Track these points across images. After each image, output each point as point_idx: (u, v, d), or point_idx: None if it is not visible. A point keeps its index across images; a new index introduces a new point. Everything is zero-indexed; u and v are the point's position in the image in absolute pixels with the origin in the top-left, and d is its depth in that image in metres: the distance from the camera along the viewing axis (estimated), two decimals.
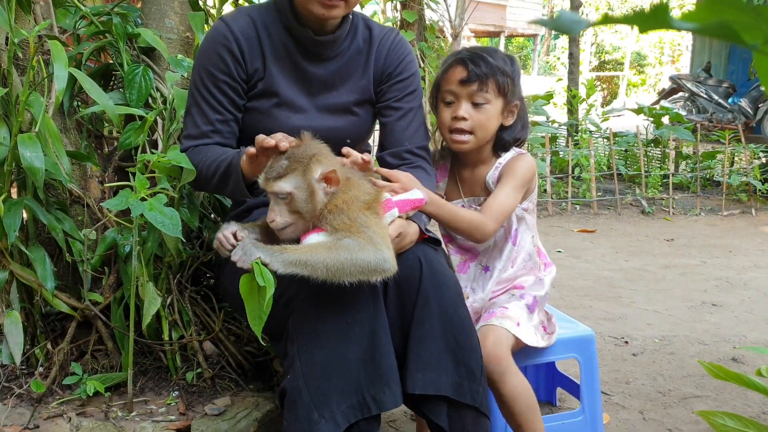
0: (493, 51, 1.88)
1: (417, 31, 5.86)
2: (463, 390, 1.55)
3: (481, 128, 1.85)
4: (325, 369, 1.48)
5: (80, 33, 2.27)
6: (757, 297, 3.79)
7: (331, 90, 1.83)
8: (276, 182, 1.47)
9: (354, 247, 1.43)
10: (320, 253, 1.42)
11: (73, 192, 2.14)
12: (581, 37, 9.32)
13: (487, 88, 1.82)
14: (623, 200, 6.31)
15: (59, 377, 2.05)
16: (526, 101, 1.98)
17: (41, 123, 1.84)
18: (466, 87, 1.83)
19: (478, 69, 1.82)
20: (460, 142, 1.87)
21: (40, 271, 1.97)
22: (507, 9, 20.69)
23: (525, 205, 1.91)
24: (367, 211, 1.50)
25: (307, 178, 1.48)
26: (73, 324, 2.10)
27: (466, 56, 1.85)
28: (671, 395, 2.51)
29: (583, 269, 4.33)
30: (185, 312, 2.14)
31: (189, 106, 1.80)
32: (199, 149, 1.77)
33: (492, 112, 1.85)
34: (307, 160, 1.49)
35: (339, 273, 1.42)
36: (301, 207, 1.49)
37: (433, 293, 1.58)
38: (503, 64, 1.85)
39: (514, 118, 1.91)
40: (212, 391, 2.09)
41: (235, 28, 1.74)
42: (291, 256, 1.42)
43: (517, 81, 1.89)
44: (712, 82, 10.78)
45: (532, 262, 1.93)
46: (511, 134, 1.91)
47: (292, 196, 1.47)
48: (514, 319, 1.82)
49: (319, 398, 1.46)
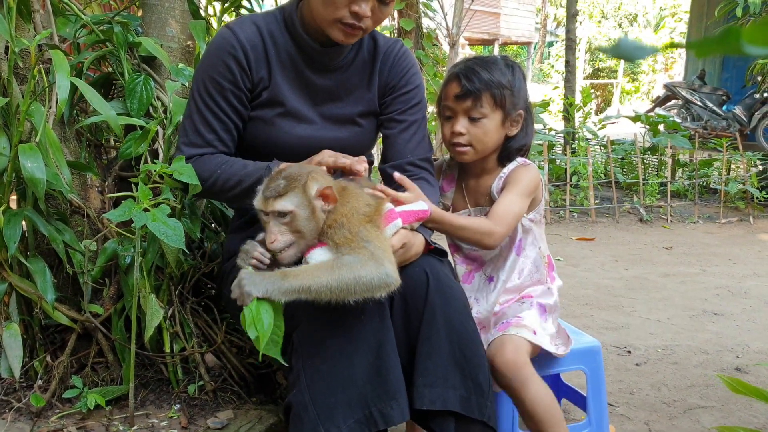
0: (491, 62, 1.85)
1: (414, 39, 5.86)
2: (471, 405, 1.52)
3: (479, 142, 1.83)
4: (330, 383, 1.45)
5: (81, 42, 2.25)
6: (758, 306, 3.79)
7: (336, 101, 1.82)
8: (277, 201, 1.43)
9: (356, 265, 1.40)
10: (322, 275, 1.38)
11: (74, 202, 2.12)
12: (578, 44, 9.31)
13: (482, 102, 1.80)
14: (621, 208, 6.31)
15: (59, 390, 2.03)
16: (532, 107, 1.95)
17: (42, 133, 1.82)
18: (461, 103, 1.82)
19: (471, 84, 1.79)
20: (461, 153, 1.86)
21: (40, 282, 1.94)
22: (501, 17, 20.74)
23: (532, 216, 1.89)
24: (368, 224, 1.47)
25: (307, 195, 1.45)
26: (73, 336, 2.07)
27: (460, 71, 1.83)
28: (676, 406, 2.49)
29: (583, 278, 4.32)
30: (187, 324, 2.12)
31: (190, 112, 1.77)
32: (206, 159, 1.74)
33: (490, 126, 1.82)
34: (304, 177, 1.46)
35: (343, 293, 1.39)
36: (303, 225, 1.45)
37: (440, 306, 1.55)
38: (500, 76, 1.81)
39: (519, 127, 1.88)
40: (214, 404, 2.07)
41: (242, 36, 1.72)
42: (292, 284, 1.37)
43: (519, 90, 1.86)
44: (707, 89, 10.83)
45: (539, 273, 1.91)
46: (516, 143, 1.89)
47: (294, 214, 1.44)
48: (530, 327, 1.80)
49: (325, 413, 1.44)
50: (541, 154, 6.01)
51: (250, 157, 1.84)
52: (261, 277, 1.39)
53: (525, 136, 1.90)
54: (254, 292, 1.37)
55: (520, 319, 1.82)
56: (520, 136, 1.89)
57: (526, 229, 1.89)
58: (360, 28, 1.64)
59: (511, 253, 1.89)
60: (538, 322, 1.84)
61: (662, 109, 10.99)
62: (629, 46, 0.43)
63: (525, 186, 1.84)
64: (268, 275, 1.39)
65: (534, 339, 1.78)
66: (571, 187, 6.25)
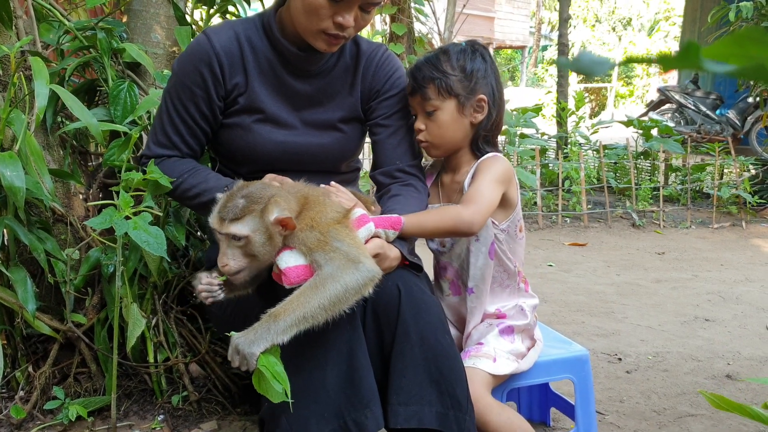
0: (442, 52, 1.80)
1: (406, 44, 5.85)
2: (449, 420, 1.49)
3: (436, 136, 1.80)
4: (302, 395, 1.42)
5: (64, 48, 2.22)
6: (749, 311, 3.77)
7: (317, 106, 1.80)
8: (233, 224, 1.38)
9: (337, 273, 1.37)
10: (311, 298, 1.35)
11: (56, 211, 2.09)
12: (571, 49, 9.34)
13: (428, 95, 1.77)
14: (614, 213, 6.30)
15: (40, 402, 2.00)
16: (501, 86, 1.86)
17: (22, 141, 1.79)
18: (414, 100, 1.82)
19: (415, 81, 1.79)
20: (426, 149, 1.86)
21: (21, 292, 1.91)
22: (495, 21, 20.80)
23: (504, 225, 1.83)
24: (338, 225, 1.45)
25: (265, 220, 1.39)
26: (56, 346, 2.05)
27: (410, 69, 1.83)
28: (666, 414, 2.47)
29: (575, 284, 4.30)
30: (171, 333, 2.09)
31: (161, 112, 1.78)
32: (174, 162, 1.75)
33: (444, 117, 1.78)
34: (265, 200, 1.40)
35: (337, 306, 1.36)
36: (258, 250, 1.41)
37: (413, 322, 1.52)
38: (447, 66, 1.76)
39: (484, 113, 1.80)
40: (198, 414, 2.04)
41: (217, 44, 1.70)
42: (286, 320, 1.33)
43: (476, 73, 1.78)
44: (700, 93, 10.87)
45: (511, 280, 1.87)
46: (484, 129, 1.82)
47: (249, 239, 1.39)
48: (490, 355, 1.77)
49: (299, 425, 1.41)
50: (534, 158, 6.00)
51: (230, 163, 1.82)
52: (254, 333, 1.33)
53: (492, 120, 1.83)
54: (257, 349, 1.31)
55: (480, 347, 1.79)
56: (486, 122, 1.82)
57: (499, 240, 1.85)
58: (343, 38, 1.63)
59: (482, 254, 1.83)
60: (502, 344, 1.81)
61: (656, 114, 11.01)
62: (588, 60, 0.41)
63: (494, 172, 1.76)
64: (259, 327, 1.34)
65: (492, 369, 1.74)
66: (563, 191, 6.24)
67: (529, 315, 1.88)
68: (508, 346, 1.83)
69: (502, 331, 1.84)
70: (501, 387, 1.87)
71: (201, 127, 1.76)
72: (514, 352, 1.82)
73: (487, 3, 19.90)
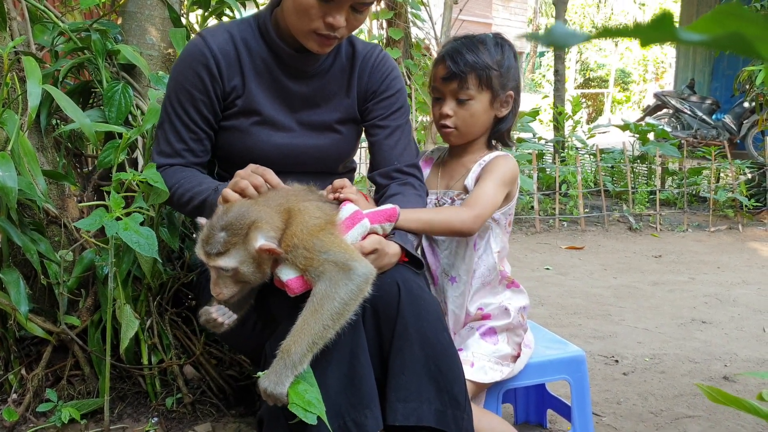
0: (479, 41, 1.81)
1: (403, 48, 5.85)
2: (447, 418, 1.48)
3: (465, 124, 1.81)
4: None
5: (58, 49, 2.22)
6: (746, 314, 3.77)
7: (314, 107, 1.79)
8: (218, 258, 1.38)
9: (331, 290, 1.37)
10: (313, 323, 1.36)
11: (50, 212, 2.08)
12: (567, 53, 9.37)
13: (468, 84, 1.77)
14: (610, 217, 6.30)
15: (33, 404, 1.99)
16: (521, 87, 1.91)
17: (14, 141, 1.78)
18: (448, 85, 1.80)
19: (456, 66, 1.77)
20: (447, 134, 1.85)
21: (14, 294, 1.90)
22: (492, 27, 20.85)
23: (496, 215, 1.83)
24: (320, 234, 1.42)
25: (250, 249, 1.38)
26: (49, 348, 2.04)
27: (446, 52, 1.81)
28: (663, 416, 2.46)
29: (572, 287, 4.30)
30: (165, 335, 2.08)
31: (162, 121, 1.76)
32: (175, 170, 1.73)
33: (477, 108, 1.80)
34: (246, 228, 1.37)
35: (341, 320, 1.37)
36: (248, 278, 1.41)
37: (413, 318, 1.51)
38: (487, 57, 1.78)
39: (509, 108, 1.85)
40: (193, 416, 2.03)
41: (213, 45, 1.69)
42: (298, 351, 1.34)
43: (508, 70, 1.82)
44: (696, 98, 10.89)
45: (492, 276, 1.86)
46: (506, 125, 1.87)
47: (237, 270, 1.40)
48: (468, 360, 1.76)
49: (298, 425, 1.41)
50: (531, 162, 6.00)
51: (228, 167, 1.82)
52: (275, 374, 1.34)
53: (513, 117, 1.87)
54: (283, 389, 1.33)
55: (459, 352, 1.78)
56: (509, 117, 1.86)
57: (485, 226, 1.84)
58: (335, 38, 1.62)
59: (468, 247, 1.83)
60: (484, 348, 1.80)
61: (652, 119, 11.03)
62: (561, 32, 0.41)
63: (503, 175, 1.78)
64: (277, 365, 1.35)
65: (470, 375, 1.73)
66: (560, 195, 6.24)
67: (512, 314, 1.86)
68: (490, 349, 1.81)
69: (483, 334, 1.83)
70: (496, 389, 1.87)
71: (204, 131, 1.74)
72: (498, 355, 1.81)
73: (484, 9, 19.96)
